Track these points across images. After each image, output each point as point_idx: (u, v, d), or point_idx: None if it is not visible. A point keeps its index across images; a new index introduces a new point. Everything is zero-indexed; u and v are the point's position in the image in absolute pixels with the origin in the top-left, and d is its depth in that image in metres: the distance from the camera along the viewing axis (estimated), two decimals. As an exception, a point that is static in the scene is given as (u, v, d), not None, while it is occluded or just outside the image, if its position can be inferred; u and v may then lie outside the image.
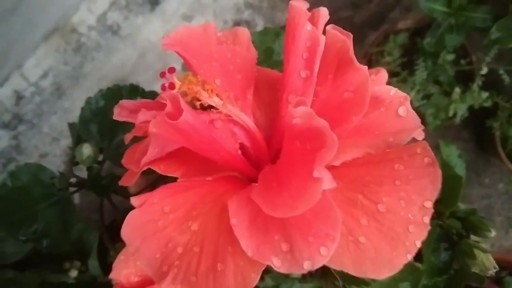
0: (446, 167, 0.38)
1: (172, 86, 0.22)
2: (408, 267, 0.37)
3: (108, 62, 1.02)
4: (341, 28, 0.23)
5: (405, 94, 0.24)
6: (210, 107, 0.24)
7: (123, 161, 0.26)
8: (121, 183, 0.24)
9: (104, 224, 0.39)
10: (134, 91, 0.42)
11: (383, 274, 0.21)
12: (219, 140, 0.23)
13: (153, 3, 1.03)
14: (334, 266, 0.21)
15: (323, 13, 0.25)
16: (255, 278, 0.20)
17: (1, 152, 1.00)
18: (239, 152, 0.25)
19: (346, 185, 0.22)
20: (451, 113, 0.89)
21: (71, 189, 0.38)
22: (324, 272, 0.37)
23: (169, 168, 0.23)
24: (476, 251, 0.37)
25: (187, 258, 0.21)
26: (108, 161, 0.39)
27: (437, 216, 0.41)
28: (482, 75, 0.89)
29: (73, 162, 0.40)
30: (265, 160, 0.26)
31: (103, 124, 0.40)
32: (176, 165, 0.24)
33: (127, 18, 1.02)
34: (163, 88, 0.23)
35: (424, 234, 0.22)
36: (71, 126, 0.44)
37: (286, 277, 0.36)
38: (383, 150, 0.22)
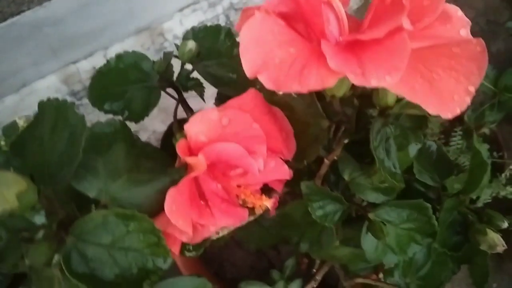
0: (477, 155, 0.43)
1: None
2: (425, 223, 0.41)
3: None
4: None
5: (468, 20, 0.31)
6: None
7: (237, 25, 0.33)
8: (237, 27, 0.32)
9: (176, 117, 0.45)
10: (229, 32, 0.51)
11: (430, 112, 0.26)
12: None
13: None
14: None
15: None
16: (330, 83, 0.26)
17: (60, 115, 1.08)
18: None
19: (411, 57, 0.29)
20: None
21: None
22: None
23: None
24: (488, 230, 0.41)
25: (280, 66, 0.28)
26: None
27: (458, 203, 0.45)
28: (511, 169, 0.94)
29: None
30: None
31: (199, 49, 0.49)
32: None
33: (208, 37, 1.15)
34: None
35: (464, 106, 0.28)
36: (165, 53, 0.52)
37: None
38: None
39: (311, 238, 0.43)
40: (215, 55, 0.49)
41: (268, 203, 0.40)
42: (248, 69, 0.28)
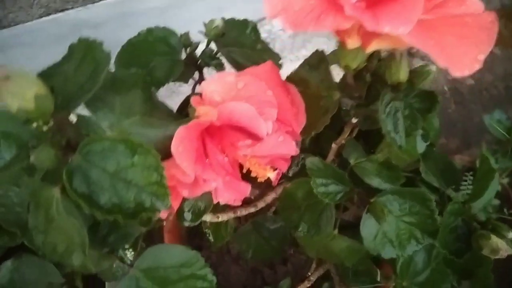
0: (484, 162, 0.43)
1: None
2: (427, 218, 0.40)
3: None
4: None
5: (481, 4, 0.33)
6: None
7: None
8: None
9: (194, 90, 0.47)
10: (255, 28, 0.54)
11: (441, 65, 0.27)
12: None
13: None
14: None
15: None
16: (344, 26, 0.28)
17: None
18: None
19: (424, 24, 0.30)
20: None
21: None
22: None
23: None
24: (492, 235, 0.40)
25: (299, 12, 0.29)
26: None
27: (462, 210, 0.45)
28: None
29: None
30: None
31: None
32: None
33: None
34: None
35: (472, 70, 0.29)
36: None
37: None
38: (458, 14, 0.31)
39: (310, 221, 0.42)
40: (239, 45, 0.52)
41: (271, 174, 0.40)
42: (269, 12, 0.30)
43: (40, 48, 0.98)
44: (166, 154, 0.36)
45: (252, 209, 0.53)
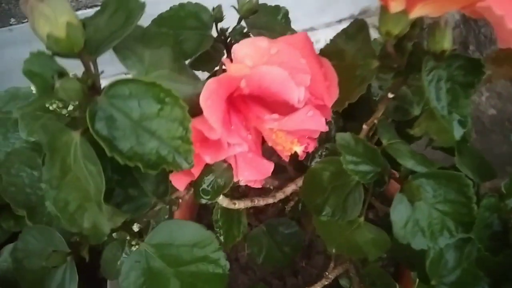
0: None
1: None
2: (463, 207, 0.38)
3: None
4: None
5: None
6: None
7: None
8: None
9: (222, 67, 0.46)
10: (287, 14, 0.53)
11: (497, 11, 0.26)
12: None
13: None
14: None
15: None
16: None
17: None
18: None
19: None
20: None
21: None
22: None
23: None
24: (532, 230, 0.37)
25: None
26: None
27: (498, 206, 0.42)
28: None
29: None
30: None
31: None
32: None
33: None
34: None
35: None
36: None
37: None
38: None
39: (336, 204, 0.39)
40: (270, 29, 0.51)
41: (298, 148, 0.38)
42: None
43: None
44: (193, 113, 0.34)
45: (270, 200, 0.51)
